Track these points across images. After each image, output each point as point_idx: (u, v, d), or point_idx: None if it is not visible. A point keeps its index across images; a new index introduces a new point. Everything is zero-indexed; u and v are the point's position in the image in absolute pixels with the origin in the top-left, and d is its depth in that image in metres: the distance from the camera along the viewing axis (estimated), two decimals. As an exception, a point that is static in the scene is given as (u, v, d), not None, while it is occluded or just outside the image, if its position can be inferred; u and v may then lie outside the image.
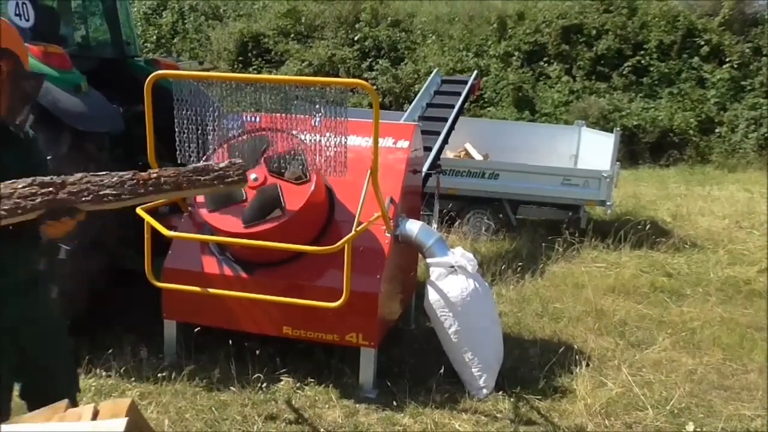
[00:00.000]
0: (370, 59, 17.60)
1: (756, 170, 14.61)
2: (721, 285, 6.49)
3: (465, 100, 8.82)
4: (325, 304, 3.71)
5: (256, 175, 3.87)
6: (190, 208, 4.22)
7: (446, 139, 7.83)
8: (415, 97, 10.00)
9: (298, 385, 4.06)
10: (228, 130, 4.01)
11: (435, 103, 9.01)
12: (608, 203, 8.13)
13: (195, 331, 4.26)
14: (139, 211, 3.63)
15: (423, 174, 6.08)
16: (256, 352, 4.11)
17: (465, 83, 9.17)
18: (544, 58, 17.00)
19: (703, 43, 16.53)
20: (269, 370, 4.12)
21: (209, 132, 3.89)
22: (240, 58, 17.99)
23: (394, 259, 4.24)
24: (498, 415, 3.88)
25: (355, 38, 17.77)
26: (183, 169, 2.21)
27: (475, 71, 11.71)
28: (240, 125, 4.03)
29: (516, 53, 17.05)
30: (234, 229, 3.76)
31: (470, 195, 8.17)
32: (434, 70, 10.45)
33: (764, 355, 4.88)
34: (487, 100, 16.64)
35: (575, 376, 4.31)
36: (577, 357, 4.56)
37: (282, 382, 4.06)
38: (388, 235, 4.11)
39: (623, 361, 4.60)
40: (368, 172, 3.63)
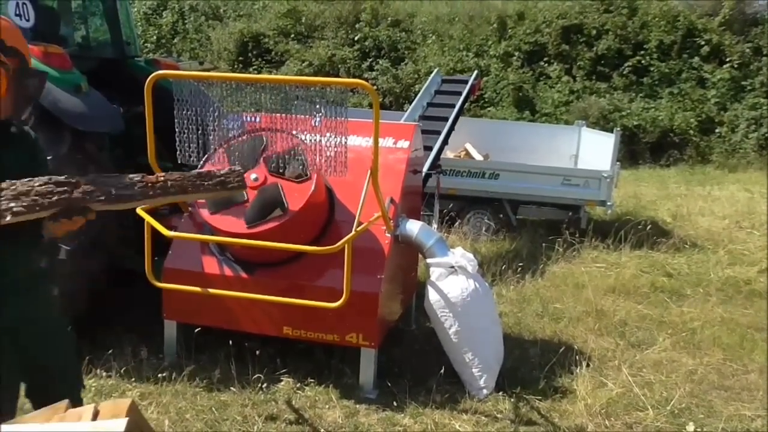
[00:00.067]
0: (371, 59, 17.60)
1: (756, 170, 14.60)
2: (722, 285, 6.48)
3: (465, 100, 8.82)
4: (325, 304, 3.71)
5: (257, 175, 3.87)
6: (190, 209, 4.22)
7: (446, 140, 7.82)
8: (415, 97, 10.00)
9: (299, 385, 4.06)
10: (228, 130, 4.00)
11: (435, 102, 9.01)
12: (608, 203, 8.13)
13: (195, 332, 4.26)
14: (140, 211, 3.63)
15: (423, 174, 6.08)
16: (257, 353, 4.11)
17: (465, 83, 9.17)
18: (545, 58, 17.01)
19: (703, 43, 16.53)
20: (269, 370, 4.12)
21: (209, 132, 3.88)
22: (240, 59, 18.00)
23: (395, 259, 4.24)
24: (498, 416, 3.88)
25: (356, 38, 17.77)
26: (188, 174, 2.28)
27: (475, 71, 11.71)
28: (240, 125, 4.03)
29: (516, 53, 17.05)
30: (237, 230, 3.76)
31: (470, 195, 8.17)
32: (434, 70, 10.45)
33: (764, 356, 4.88)
34: (487, 100, 16.64)
35: (575, 377, 4.31)
36: (578, 357, 4.56)
37: (282, 383, 4.06)
38: (389, 236, 4.11)
39: (623, 362, 4.60)
40: (368, 172, 3.63)
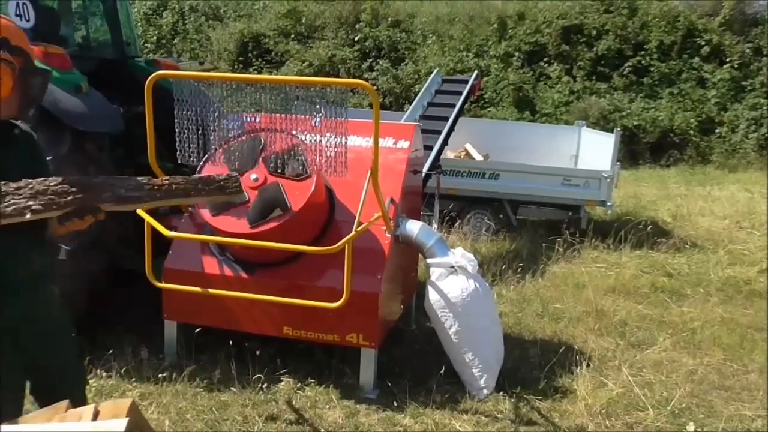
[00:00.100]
0: (371, 59, 17.60)
1: (756, 170, 14.59)
2: (722, 285, 6.48)
3: (465, 100, 8.82)
4: (325, 304, 3.71)
5: (257, 176, 3.87)
6: (190, 209, 4.22)
7: (446, 140, 7.82)
8: (415, 97, 10.00)
9: (299, 385, 4.07)
10: (228, 131, 4.01)
11: (436, 102, 9.01)
12: (608, 203, 8.13)
13: (195, 332, 4.26)
14: (140, 211, 3.63)
15: (423, 174, 6.08)
16: (257, 353, 4.11)
17: (465, 83, 9.17)
18: (545, 59, 17.00)
19: (703, 44, 16.52)
20: (270, 370, 4.12)
21: (210, 132, 3.89)
22: (240, 59, 17.99)
23: (395, 259, 4.24)
24: (498, 416, 3.88)
25: (356, 39, 17.77)
26: (190, 178, 2.38)
27: (475, 71, 11.71)
28: (240, 126, 4.03)
29: (516, 53, 17.05)
30: (240, 230, 3.75)
31: (470, 195, 8.17)
32: (435, 71, 10.45)
33: (765, 356, 4.88)
34: (487, 100, 16.64)
35: (576, 377, 4.31)
36: (578, 357, 4.55)
37: (282, 383, 4.07)
38: (389, 236, 4.11)
39: (624, 362, 4.60)
40: (368, 172, 3.63)
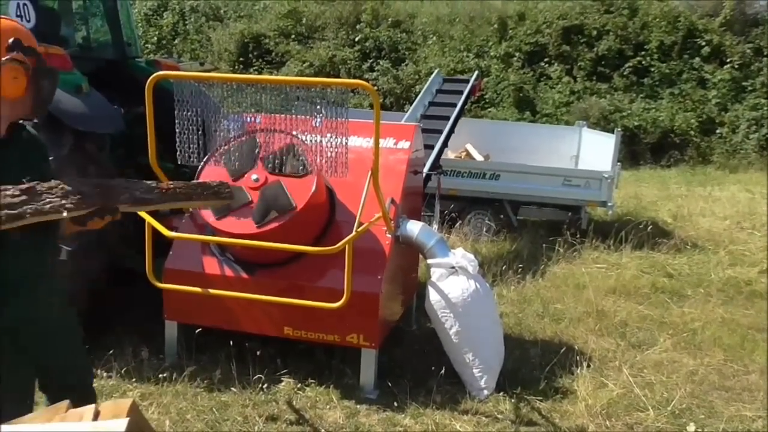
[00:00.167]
0: (371, 60, 17.60)
1: (757, 171, 14.59)
2: (722, 286, 6.48)
3: (466, 100, 8.82)
4: (325, 304, 3.71)
5: (257, 176, 3.87)
6: (191, 210, 4.22)
7: (446, 142, 7.82)
8: (415, 97, 10.00)
9: (299, 385, 4.07)
10: (229, 131, 4.01)
11: (437, 101, 9.01)
12: (609, 204, 8.13)
13: (196, 332, 4.27)
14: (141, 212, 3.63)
15: (424, 175, 6.08)
16: (257, 353, 4.11)
17: (466, 83, 9.17)
18: (545, 59, 17.00)
19: (704, 44, 16.53)
20: (270, 370, 4.12)
21: (210, 133, 3.89)
22: (241, 59, 18.00)
23: (395, 259, 4.24)
24: (499, 416, 3.88)
25: (356, 39, 17.78)
26: (190, 183, 2.62)
27: (476, 72, 11.72)
28: (241, 126, 4.03)
29: (517, 54, 17.05)
30: (247, 231, 3.75)
31: (471, 196, 8.17)
32: (435, 71, 10.45)
33: (765, 356, 4.88)
34: (488, 100, 16.64)
35: (576, 377, 4.31)
36: (578, 358, 4.55)
37: (283, 383, 4.07)
38: (389, 236, 4.11)
39: (624, 362, 4.59)
40: (369, 172, 3.63)
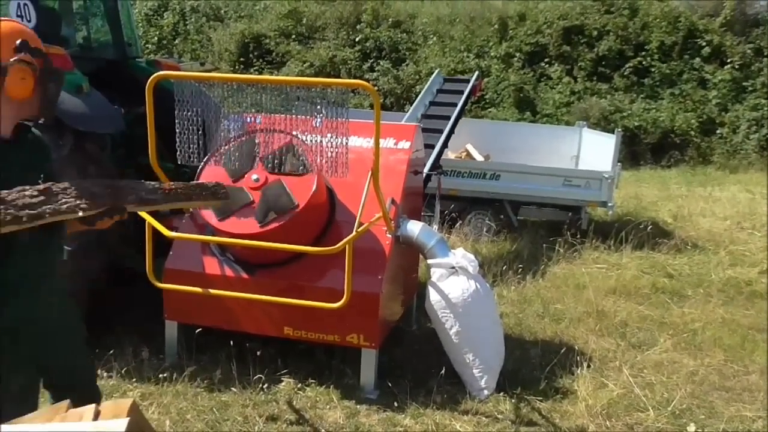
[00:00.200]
0: (372, 60, 17.61)
1: (757, 171, 14.58)
2: (723, 286, 6.48)
3: (466, 101, 8.82)
4: (326, 304, 3.71)
5: (257, 176, 3.87)
6: (191, 210, 4.22)
7: (446, 142, 7.81)
8: (416, 98, 10.00)
9: (299, 385, 4.07)
10: (229, 131, 4.01)
11: (438, 101, 9.00)
12: (609, 204, 8.13)
13: (196, 332, 4.27)
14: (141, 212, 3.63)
15: (424, 175, 6.08)
16: (257, 353, 4.11)
17: (467, 82, 9.17)
18: (546, 59, 17.01)
19: (704, 44, 16.53)
20: (270, 370, 4.12)
21: (211, 133, 3.89)
22: (241, 59, 18.00)
23: (396, 259, 4.24)
24: (499, 416, 3.88)
25: (357, 39, 17.78)
26: (189, 184, 2.67)
27: (476, 72, 11.72)
28: (241, 126, 4.03)
29: (517, 54, 17.06)
30: (251, 230, 3.75)
31: (471, 196, 8.16)
32: (436, 71, 10.46)
33: (765, 357, 4.87)
34: (488, 101, 16.64)
35: (576, 377, 4.31)
36: (578, 358, 4.55)
37: (283, 383, 4.07)
38: (389, 236, 4.11)
39: (624, 362, 4.59)
40: (369, 172, 3.63)
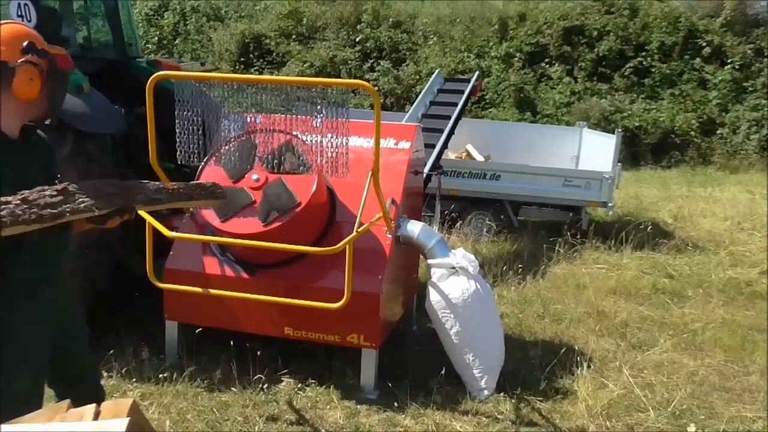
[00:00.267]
0: (372, 60, 17.59)
1: (758, 172, 14.57)
2: (723, 286, 6.48)
3: (466, 101, 8.81)
4: (326, 305, 3.71)
5: (257, 176, 3.87)
6: (191, 210, 4.22)
7: (446, 143, 7.81)
8: (416, 98, 10.00)
9: (300, 386, 4.07)
10: (229, 131, 4.01)
11: (438, 101, 9.00)
12: (610, 204, 8.13)
13: (196, 332, 4.27)
14: (141, 211, 3.63)
15: (424, 175, 6.07)
16: (258, 353, 4.11)
17: (467, 82, 9.16)
18: (546, 60, 16.99)
19: (704, 45, 16.51)
20: (270, 371, 4.13)
21: (211, 133, 3.89)
22: (241, 59, 17.99)
23: (396, 260, 4.24)
24: (499, 417, 3.88)
25: (357, 39, 17.77)
26: (189, 184, 2.74)
27: (476, 72, 11.71)
28: (241, 126, 4.04)
29: (517, 54, 17.04)
30: (255, 230, 3.76)
31: (472, 196, 8.16)
32: (436, 71, 10.46)
33: (765, 357, 4.87)
34: (488, 101, 16.63)
35: (576, 378, 4.31)
36: (579, 358, 4.55)
37: (283, 383, 4.07)
38: (390, 236, 4.11)
39: (624, 363, 4.59)
40: (369, 173, 3.63)
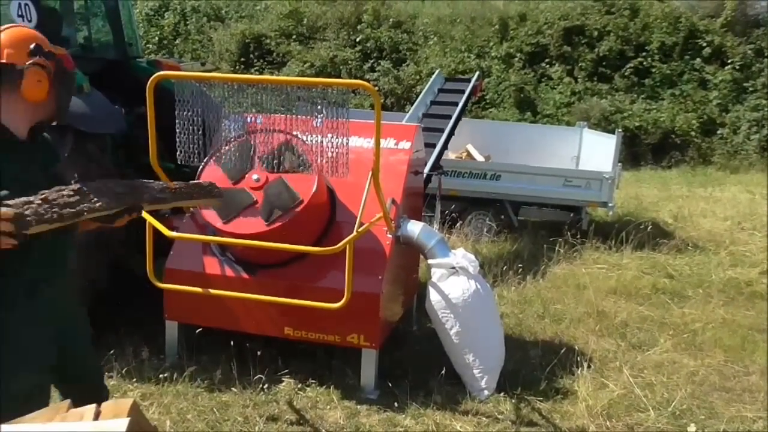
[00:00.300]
0: (372, 60, 17.60)
1: (758, 172, 14.57)
2: (723, 286, 6.48)
3: (467, 101, 8.81)
4: (326, 305, 3.71)
5: (258, 176, 3.87)
6: (192, 210, 4.22)
7: (446, 143, 7.80)
8: (416, 98, 10.00)
9: (300, 386, 4.07)
10: (229, 131, 4.01)
11: (439, 101, 9.00)
12: (610, 204, 8.13)
13: (196, 332, 4.27)
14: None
15: (425, 175, 6.07)
16: (258, 353, 4.11)
17: (468, 82, 9.16)
18: (546, 60, 16.99)
19: (705, 45, 16.52)
20: (271, 371, 4.13)
21: (212, 133, 3.89)
22: (242, 60, 18.00)
23: (396, 260, 4.24)
24: (499, 417, 3.88)
25: (357, 39, 17.78)
26: (189, 183, 2.76)
27: (476, 72, 11.71)
28: (242, 126, 4.04)
29: (518, 54, 17.05)
30: (258, 230, 3.76)
31: (472, 196, 8.16)
32: (436, 71, 10.46)
33: (766, 357, 4.87)
34: (488, 101, 16.64)
35: (576, 378, 4.31)
36: (579, 358, 4.55)
37: (283, 383, 4.07)
38: (390, 236, 4.11)
39: (625, 363, 4.59)
40: (370, 173, 3.63)
